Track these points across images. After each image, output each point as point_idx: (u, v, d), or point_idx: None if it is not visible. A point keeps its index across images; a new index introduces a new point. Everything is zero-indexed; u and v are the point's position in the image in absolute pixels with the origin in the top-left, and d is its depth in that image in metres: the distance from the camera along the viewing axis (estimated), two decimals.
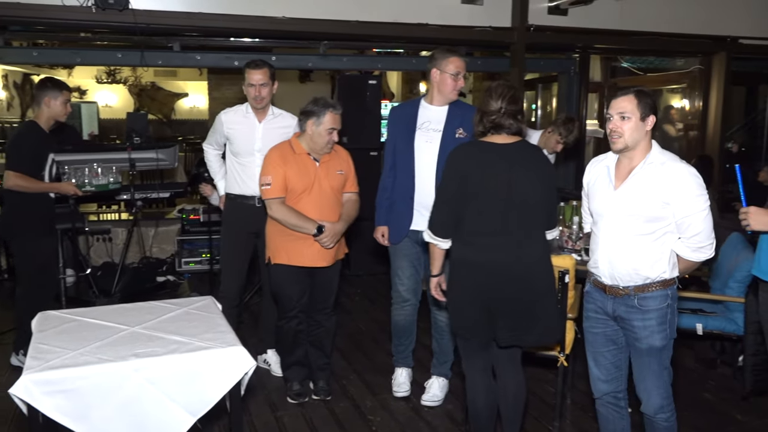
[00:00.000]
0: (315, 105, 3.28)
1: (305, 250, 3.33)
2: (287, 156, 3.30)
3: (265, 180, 3.28)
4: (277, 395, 3.60)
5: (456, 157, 2.59)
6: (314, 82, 11.91)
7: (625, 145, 2.35)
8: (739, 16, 6.80)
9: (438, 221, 2.61)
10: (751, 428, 3.31)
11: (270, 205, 3.30)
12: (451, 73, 3.21)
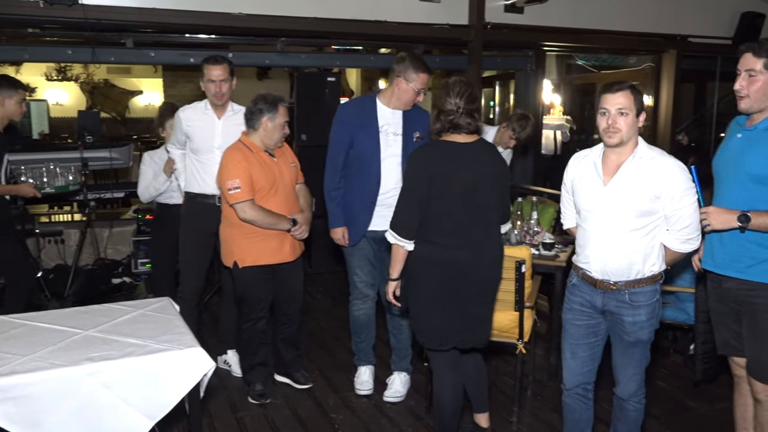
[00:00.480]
0: (266, 102, 3.30)
1: (275, 247, 3.35)
2: (248, 156, 3.26)
3: (233, 184, 3.18)
4: (238, 396, 3.56)
5: (420, 159, 2.59)
6: (272, 79, 11.81)
7: (621, 140, 2.36)
8: (688, 15, 7.00)
9: (404, 223, 2.58)
10: (702, 414, 3.43)
11: (242, 208, 3.21)
12: (417, 88, 3.22)
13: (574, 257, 2.59)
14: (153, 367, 2.19)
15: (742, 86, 2.36)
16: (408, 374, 3.59)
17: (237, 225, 3.30)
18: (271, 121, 3.27)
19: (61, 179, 4.04)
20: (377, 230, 3.33)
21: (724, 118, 9.26)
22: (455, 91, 2.57)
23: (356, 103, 3.66)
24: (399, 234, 2.60)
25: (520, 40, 6.64)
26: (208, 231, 3.65)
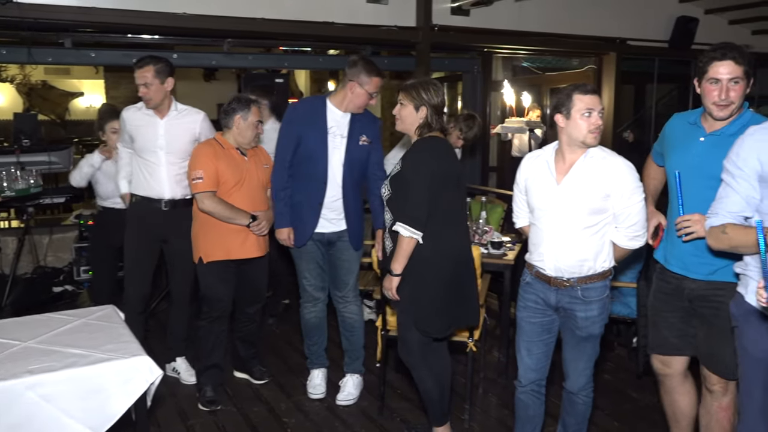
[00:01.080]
0: (239, 102, 3.38)
1: (243, 242, 3.39)
2: (218, 152, 3.33)
3: (196, 174, 3.28)
4: (188, 403, 3.49)
5: (428, 152, 2.69)
6: (219, 80, 11.61)
7: (598, 142, 2.45)
8: (627, 19, 7.24)
9: (418, 215, 2.63)
10: (645, 405, 3.54)
11: (201, 199, 3.29)
12: (370, 92, 3.23)
13: (527, 255, 2.63)
14: (96, 377, 2.12)
15: (730, 96, 2.34)
16: (361, 376, 3.59)
17: (202, 220, 3.37)
18: (243, 120, 3.35)
19: (22, 182, 3.88)
20: (324, 232, 3.34)
21: (663, 118, 9.59)
22: (440, 90, 2.74)
23: (306, 104, 3.67)
24: (413, 226, 2.63)
25: (466, 42, 6.73)
26: (153, 235, 3.58)
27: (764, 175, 2.01)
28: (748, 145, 2.06)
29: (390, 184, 2.76)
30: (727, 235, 2.06)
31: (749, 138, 2.07)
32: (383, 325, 3.35)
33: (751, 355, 2.10)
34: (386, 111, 10.59)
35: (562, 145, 2.49)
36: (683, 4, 7.49)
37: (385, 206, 2.80)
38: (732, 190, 2.09)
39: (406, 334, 2.81)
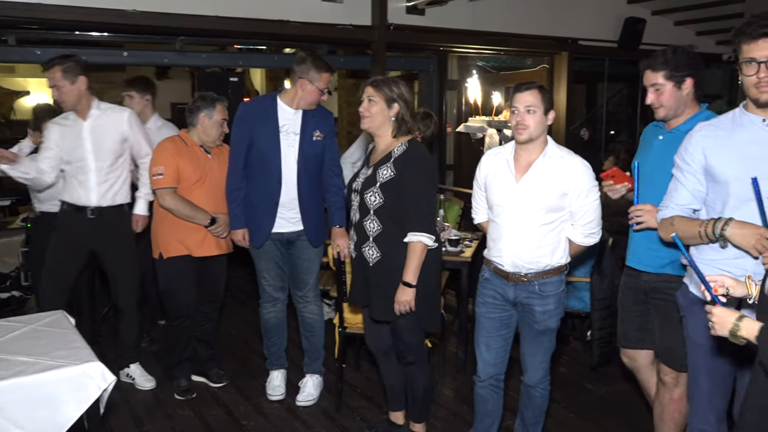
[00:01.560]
0: (204, 101, 3.40)
1: (202, 240, 3.39)
2: (180, 148, 3.33)
3: (157, 170, 3.27)
4: (143, 409, 3.41)
5: (429, 161, 2.78)
6: (172, 79, 11.36)
7: (530, 137, 2.46)
8: (578, 19, 7.40)
9: (430, 223, 2.68)
10: (599, 396, 3.63)
11: (162, 195, 3.29)
12: (321, 88, 3.20)
13: (486, 251, 2.67)
14: (46, 385, 2.06)
15: (653, 100, 2.47)
16: (320, 376, 3.57)
17: (162, 217, 3.36)
18: (208, 118, 3.37)
19: None
20: (283, 232, 3.30)
21: (614, 116, 9.88)
22: (409, 87, 2.79)
23: (256, 102, 3.65)
24: (431, 234, 2.65)
25: (422, 42, 6.76)
26: (79, 243, 3.49)
27: (709, 169, 2.10)
28: (694, 141, 2.14)
29: (381, 191, 2.64)
30: (675, 227, 2.14)
31: (696, 134, 2.15)
32: (341, 322, 3.34)
33: (696, 342, 2.20)
34: (343, 110, 10.57)
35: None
36: (631, 5, 7.70)
37: (372, 214, 2.67)
38: (680, 184, 2.18)
39: (412, 337, 2.79)
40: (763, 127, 2.00)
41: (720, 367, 2.16)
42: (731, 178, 2.02)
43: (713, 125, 2.14)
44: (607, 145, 9.06)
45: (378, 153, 2.76)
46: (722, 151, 2.06)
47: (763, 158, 1.98)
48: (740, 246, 1.97)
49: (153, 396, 3.56)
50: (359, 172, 2.82)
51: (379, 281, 2.70)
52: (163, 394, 3.57)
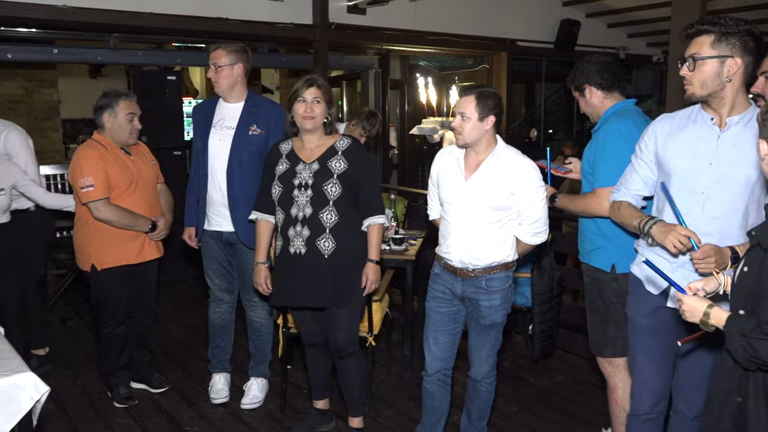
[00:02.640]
0: (105, 98, 3.24)
1: (142, 246, 3.28)
2: (103, 153, 3.16)
3: (86, 182, 3.08)
4: (80, 419, 3.29)
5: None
6: (107, 77, 10.99)
7: (465, 142, 2.53)
8: (516, 21, 7.58)
9: (382, 204, 2.88)
10: (541, 388, 3.73)
11: (96, 207, 3.12)
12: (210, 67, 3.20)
13: (437, 248, 2.71)
14: None
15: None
16: (266, 379, 3.53)
17: (93, 226, 3.18)
18: (113, 117, 3.20)
19: None
20: (222, 231, 3.25)
21: (551, 115, 10.16)
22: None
23: (204, 102, 3.53)
24: (383, 214, 2.86)
25: (363, 41, 6.78)
26: None
27: (660, 159, 2.19)
28: (651, 130, 2.24)
29: (340, 182, 2.70)
30: (621, 211, 2.30)
31: (655, 123, 2.26)
32: (284, 323, 3.31)
33: (634, 322, 2.31)
34: (286, 110, 10.47)
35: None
36: (566, 7, 7.93)
37: (330, 205, 2.70)
38: (634, 171, 2.29)
39: (355, 325, 2.87)
40: (711, 125, 2.08)
41: (657, 348, 2.25)
42: (675, 170, 2.12)
43: (671, 117, 2.23)
44: (545, 143, 9.31)
45: (311, 150, 2.77)
46: (673, 143, 2.15)
47: (705, 155, 2.07)
48: (660, 242, 2.09)
49: (90, 406, 3.44)
50: (293, 169, 2.75)
51: (334, 271, 2.73)
52: (101, 403, 3.46)
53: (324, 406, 3.17)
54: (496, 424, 3.21)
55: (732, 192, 2.04)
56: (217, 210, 3.22)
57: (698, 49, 2.00)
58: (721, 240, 2.03)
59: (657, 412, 2.31)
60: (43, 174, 5.00)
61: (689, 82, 2.03)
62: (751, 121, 2.04)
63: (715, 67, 1.99)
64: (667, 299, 2.18)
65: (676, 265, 2.13)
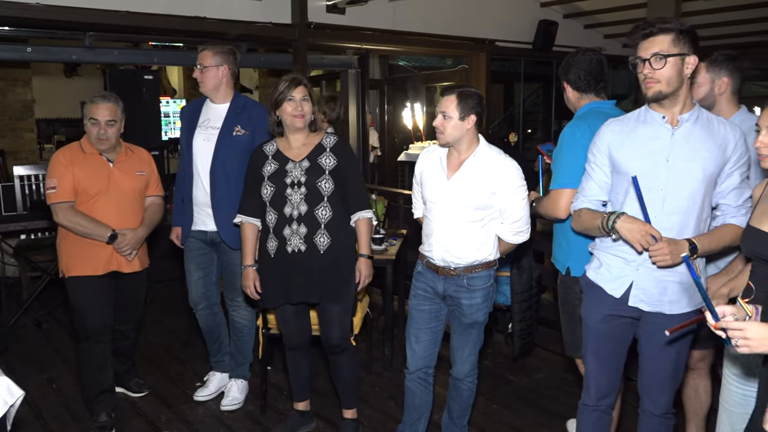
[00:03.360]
0: (86, 103, 3.16)
1: (110, 256, 3.10)
2: (76, 157, 3.08)
3: (50, 183, 3.03)
4: (56, 424, 3.24)
5: None
6: (82, 76, 10.86)
7: (446, 141, 2.55)
8: (495, 21, 7.62)
9: (367, 199, 2.95)
10: (521, 386, 3.75)
11: (55, 210, 3.03)
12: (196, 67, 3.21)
13: (420, 246, 2.72)
14: None
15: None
16: (246, 381, 3.51)
17: (62, 231, 3.11)
18: (85, 121, 3.11)
19: None
20: (206, 230, 3.24)
21: (530, 115, 10.24)
22: None
23: (192, 102, 3.48)
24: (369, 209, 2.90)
25: (342, 41, 6.77)
26: None
27: (614, 162, 2.23)
28: (602, 135, 2.28)
29: (332, 178, 2.74)
30: (581, 218, 2.32)
31: (604, 128, 2.28)
32: (264, 324, 3.30)
33: (587, 324, 2.36)
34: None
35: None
36: (544, 8, 8.00)
37: (325, 201, 2.73)
38: (590, 177, 2.32)
39: (348, 321, 2.90)
40: (663, 123, 2.13)
41: (605, 349, 2.31)
42: (632, 171, 2.15)
43: (620, 121, 2.27)
44: (524, 143, 9.38)
45: (298, 148, 2.78)
46: (626, 144, 2.19)
47: (661, 153, 2.12)
48: (627, 240, 2.13)
49: (66, 409, 3.39)
50: (282, 169, 2.75)
51: (329, 266, 2.76)
52: (76, 406, 3.41)
53: (305, 408, 3.16)
54: (477, 423, 3.23)
55: (690, 186, 2.10)
56: (201, 209, 3.21)
57: (662, 46, 2.03)
58: (680, 234, 2.11)
59: (604, 405, 2.37)
60: (17, 174, 4.94)
61: (655, 80, 2.06)
62: (699, 118, 2.12)
63: (678, 65, 2.04)
64: (626, 303, 2.20)
65: (636, 264, 2.18)
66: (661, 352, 2.22)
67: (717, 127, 2.12)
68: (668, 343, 2.19)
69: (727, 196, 2.14)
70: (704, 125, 2.12)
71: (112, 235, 3.05)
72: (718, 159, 2.09)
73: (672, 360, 2.23)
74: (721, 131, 2.11)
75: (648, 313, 2.20)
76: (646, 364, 2.28)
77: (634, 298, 2.20)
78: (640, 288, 2.18)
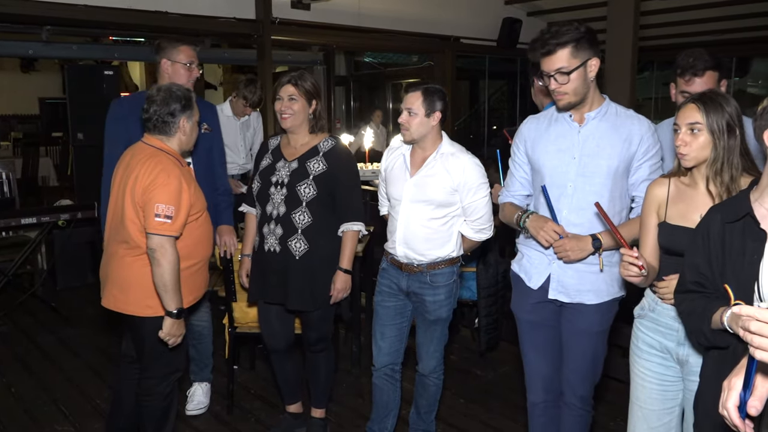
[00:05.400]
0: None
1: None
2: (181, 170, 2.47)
3: (168, 211, 2.31)
4: (15, 427, 3.15)
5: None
6: (40, 71, 10.60)
7: (412, 138, 2.56)
8: (460, 18, 7.67)
9: (361, 211, 2.80)
10: (488, 380, 3.79)
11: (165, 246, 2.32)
12: (183, 62, 3.02)
13: (385, 243, 2.73)
14: None
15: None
16: (209, 384, 3.44)
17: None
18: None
19: None
20: None
21: (495, 112, 10.34)
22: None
23: (132, 98, 3.30)
24: (362, 222, 2.79)
25: (307, 37, 6.73)
26: None
27: (530, 158, 2.32)
28: (521, 133, 2.38)
29: (315, 184, 2.65)
30: (504, 212, 2.44)
31: (523, 126, 2.39)
32: (230, 323, 3.26)
33: (518, 317, 2.42)
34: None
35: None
36: (508, 6, 8.08)
37: (303, 206, 2.65)
38: (512, 174, 2.42)
39: (326, 325, 2.87)
40: (570, 122, 2.22)
41: (541, 339, 2.37)
42: (544, 167, 2.25)
43: (536, 119, 2.37)
44: (489, 139, 9.47)
45: (296, 148, 2.74)
46: (539, 142, 2.28)
47: (568, 150, 2.21)
48: (534, 237, 2.24)
49: (25, 412, 3.30)
50: (273, 166, 2.72)
51: (304, 273, 2.70)
52: (37, 411, 3.32)
53: (297, 410, 3.10)
54: (444, 417, 3.25)
55: (597, 182, 2.17)
56: None
57: (563, 62, 2.09)
58: (591, 228, 2.19)
59: (552, 399, 2.42)
60: None
61: (563, 94, 2.12)
62: (607, 114, 2.19)
63: (582, 73, 2.10)
64: (546, 294, 2.28)
65: (551, 259, 2.25)
66: (581, 340, 2.29)
67: (624, 121, 2.18)
68: (588, 334, 2.26)
69: (639, 187, 2.20)
70: (611, 121, 2.19)
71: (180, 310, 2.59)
72: (622, 153, 2.16)
73: (591, 348, 2.29)
74: (627, 125, 2.18)
75: (567, 304, 2.27)
76: (567, 354, 2.34)
77: (553, 290, 2.27)
78: (556, 280, 2.26)
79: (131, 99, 3.32)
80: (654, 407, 2.01)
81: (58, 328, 4.58)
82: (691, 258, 1.68)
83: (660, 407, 2.00)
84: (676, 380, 1.97)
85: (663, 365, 1.98)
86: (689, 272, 1.68)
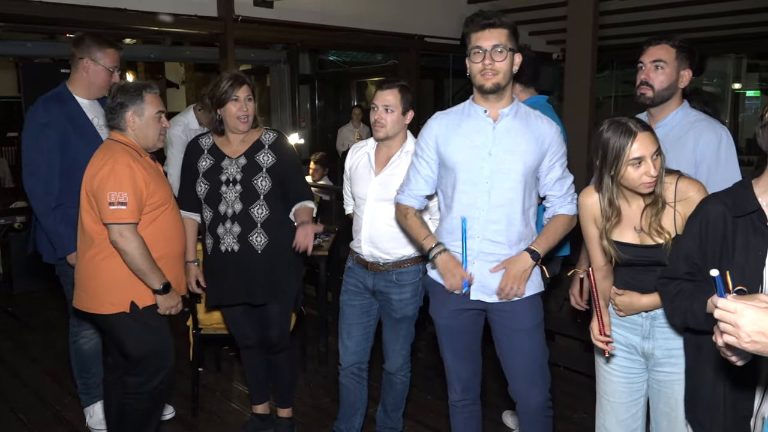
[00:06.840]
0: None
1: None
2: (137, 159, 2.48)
3: (120, 197, 2.32)
4: None
5: None
6: None
7: (386, 135, 2.54)
8: (424, 17, 7.70)
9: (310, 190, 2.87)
10: None
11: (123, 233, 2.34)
12: (109, 66, 2.91)
13: (351, 242, 2.72)
14: None
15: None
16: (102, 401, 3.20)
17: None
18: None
19: None
20: None
21: None
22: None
23: (54, 100, 2.90)
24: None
25: (270, 35, 6.68)
26: None
27: (441, 155, 2.26)
28: (429, 128, 2.30)
29: (270, 176, 2.64)
30: (408, 222, 2.34)
31: (432, 122, 2.32)
32: (194, 324, 3.22)
33: (437, 322, 2.38)
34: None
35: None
36: (471, 5, 8.13)
37: (261, 200, 2.64)
38: (416, 171, 2.33)
39: (285, 321, 2.86)
40: (485, 117, 2.20)
41: (460, 344, 2.36)
42: (458, 164, 2.20)
43: (446, 114, 2.31)
44: None
45: (237, 144, 2.69)
46: (452, 138, 2.23)
47: (483, 146, 2.18)
48: (440, 274, 2.23)
49: None
50: (218, 165, 2.66)
51: (267, 266, 2.68)
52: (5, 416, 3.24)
53: (264, 411, 3.07)
54: (411, 415, 3.26)
55: (512, 179, 2.17)
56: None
57: (502, 39, 2.09)
58: (509, 225, 2.18)
59: (471, 398, 2.44)
60: None
61: (494, 71, 2.10)
62: (518, 112, 2.20)
63: (511, 61, 2.13)
64: (468, 297, 2.23)
65: (472, 257, 2.21)
66: (517, 340, 2.25)
67: (534, 121, 2.20)
68: (525, 331, 2.23)
69: (553, 187, 2.23)
70: (522, 119, 2.19)
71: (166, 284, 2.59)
72: (536, 152, 2.17)
73: (530, 347, 2.24)
74: (537, 125, 2.19)
75: (492, 305, 2.24)
76: (506, 358, 2.29)
77: (475, 291, 2.23)
78: (478, 281, 2.21)
79: (52, 101, 2.95)
80: (622, 400, 2.05)
81: (14, 333, 4.45)
82: (685, 247, 1.68)
83: (627, 399, 2.04)
84: (641, 372, 2.02)
85: (629, 359, 2.02)
86: (682, 262, 1.68)
